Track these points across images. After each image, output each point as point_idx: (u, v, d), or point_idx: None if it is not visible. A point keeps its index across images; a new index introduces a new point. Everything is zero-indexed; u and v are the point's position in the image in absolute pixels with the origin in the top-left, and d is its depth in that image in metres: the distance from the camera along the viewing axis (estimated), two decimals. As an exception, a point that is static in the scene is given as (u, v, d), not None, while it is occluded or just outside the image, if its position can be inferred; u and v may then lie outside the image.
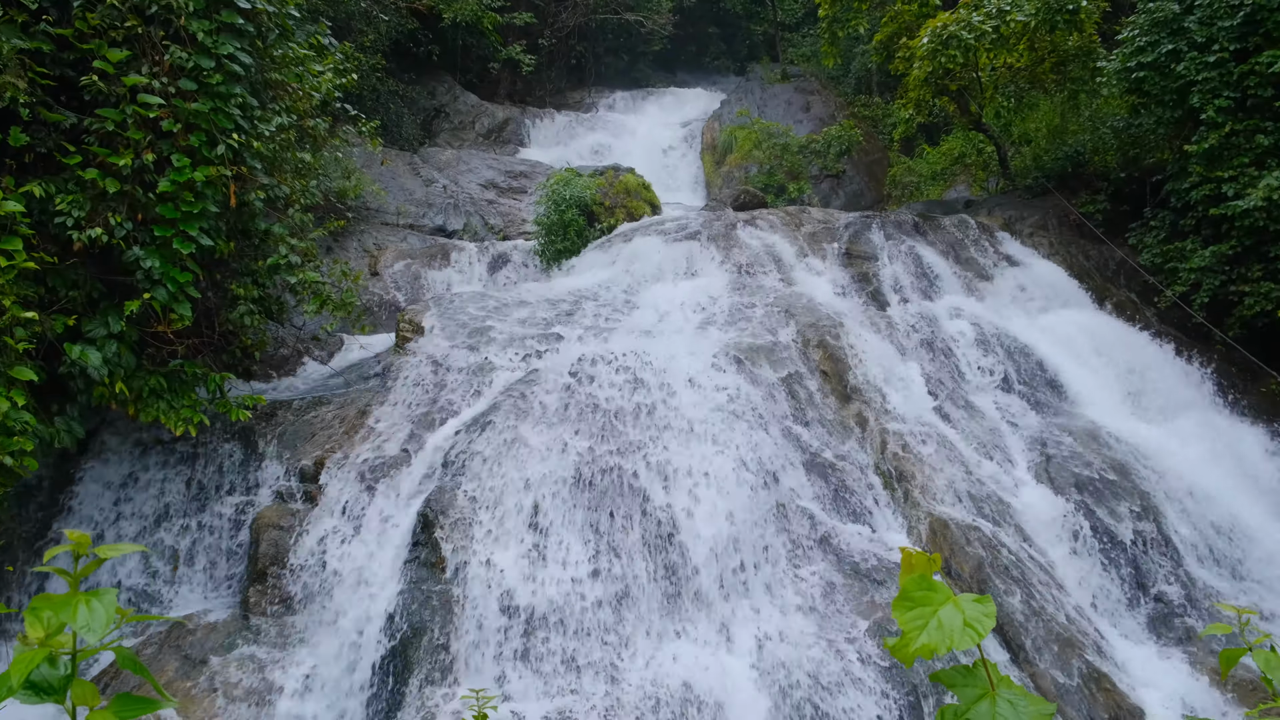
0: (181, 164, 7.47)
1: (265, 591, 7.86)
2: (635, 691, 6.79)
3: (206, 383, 8.52)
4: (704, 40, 33.34)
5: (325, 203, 13.22)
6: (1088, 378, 10.88)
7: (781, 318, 10.49)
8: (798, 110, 24.53)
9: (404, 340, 10.13)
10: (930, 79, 14.63)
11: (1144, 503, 8.84)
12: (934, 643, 1.31)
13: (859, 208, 19.58)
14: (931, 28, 14.16)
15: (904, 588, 1.37)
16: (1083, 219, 13.24)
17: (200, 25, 7.57)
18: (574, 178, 14.92)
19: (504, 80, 26.73)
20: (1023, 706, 1.33)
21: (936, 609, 1.35)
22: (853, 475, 8.73)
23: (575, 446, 8.30)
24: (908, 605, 1.36)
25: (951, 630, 1.32)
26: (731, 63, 32.94)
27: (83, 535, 1.66)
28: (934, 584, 1.37)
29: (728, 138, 22.44)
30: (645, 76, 30.69)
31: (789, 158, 21.34)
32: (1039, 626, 7.37)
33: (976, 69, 15.27)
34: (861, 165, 22.09)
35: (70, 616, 1.52)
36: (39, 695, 1.55)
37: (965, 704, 1.37)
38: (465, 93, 24.64)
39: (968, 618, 1.32)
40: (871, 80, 24.94)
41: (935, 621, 1.33)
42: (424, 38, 22.88)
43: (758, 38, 32.61)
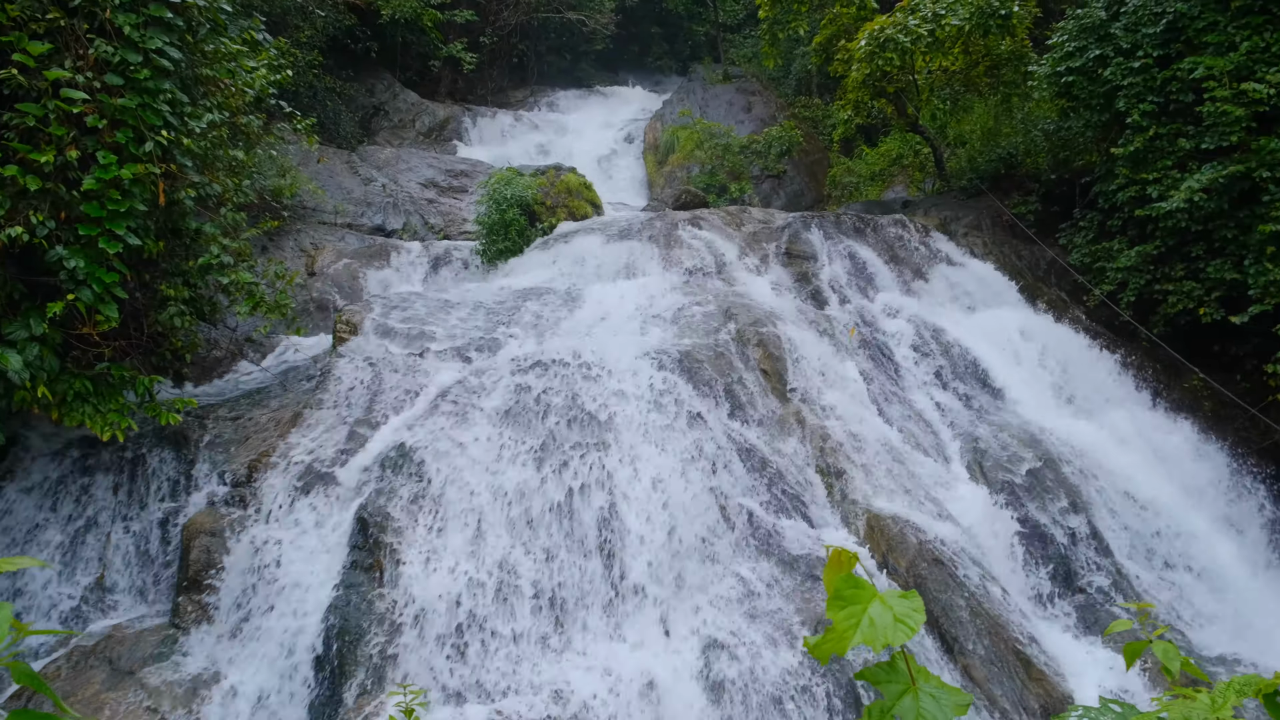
0: (107, 161, 7.24)
1: (197, 599, 7.66)
2: (576, 691, 6.78)
3: (135, 386, 8.26)
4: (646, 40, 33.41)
5: (260, 201, 12.94)
6: (1020, 375, 11.16)
7: (722, 317, 10.57)
8: (739, 111, 24.72)
9: (341, 341, 9.96)
10: (868, 81, 14.87)
11: (1074, 497, 9.11)
12: (868, 640, 1.33)
13: (800, 208, 19.81)
14: (869, 31, 14.39)
15: (836, 587, 1.39)
16: (1015, 220, 13.58)
17: (127, 19, 7.35)
18: (515, 177, 14.83)
19: (445, 78, 26.45)
20: (943, 698, 1.36)
21: (865, 607, 1.37)
22: (792, 473, 8.83)
23: (515, 447, 8.25)
24: (841, 604, 1.38)
25: (884, 627, 1.34)
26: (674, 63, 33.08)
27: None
28: (860, 582, 1.40)
29: (670, 138, 22.52)
30: (588, 76, 30.65)
31: (731, 158, 21.49)
32: (972, 619, 7.53)
33: (913, 72, 15.56)
34: (802, 165, 22.34)
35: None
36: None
37: (890, 699, 1.40)
38: (405, 90, 24.32)
39: (897, 614, 1.35)
40: (812, 82, 25.24)
41: (866, 619, 1.35)
42: (362, 34, 22.53)
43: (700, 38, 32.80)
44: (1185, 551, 9.12)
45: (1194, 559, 9.07)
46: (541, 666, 6.99)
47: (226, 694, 7.04)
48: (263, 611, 7.48)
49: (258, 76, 10.03)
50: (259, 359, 11.77)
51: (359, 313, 10.43)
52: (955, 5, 13.81)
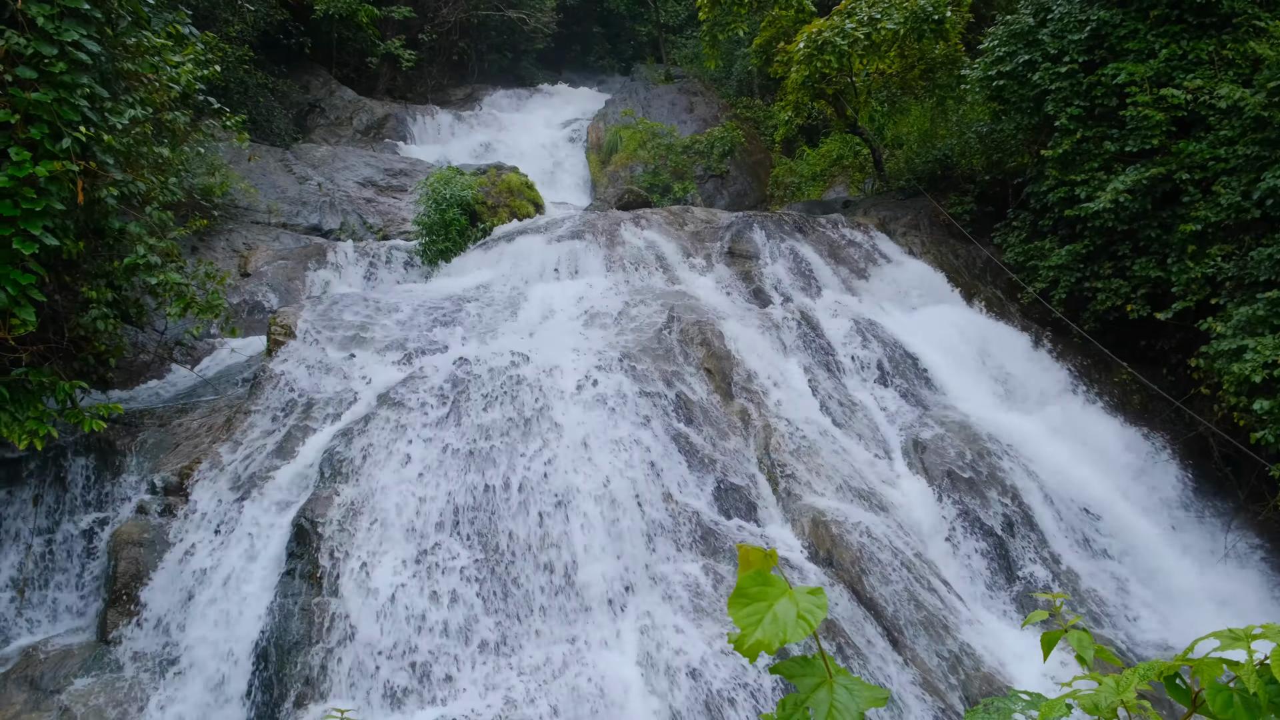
0: (21, 158, 6.96)
1: (125, 613, 7.41)
2: (521, 695, 6.70)
3: (55, 392, 7.95)
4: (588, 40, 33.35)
5: (189, 200, 12.58)
6: (958, 371, 11.36)
7: (665, 316, 10.56)
8: (682, 111, 24.80)
9: (276, 344, 9.73)
10: (807, 83, 15.01)
11: (1011, 489, 9.29)
12: (768, 637, 1.31)
13: (743, 207, 19.93)
14: (807, 33, 14.53)
15: (740, 584, 1.36)
16: (951, 219, 13.82)
17: (40, 10, 7.07)
18: (455, 176, 14.66)
19: (383, 75, 26.07)
20: (858, 692, 1.35)
21: (772, 604, 1.35)
22: (737, 472, 8.85)
23: (456, 450, 8.14)
24: (743, 602, 1.36)
25: (785, 623, 1.32)
26: (616, 63, 33.06)
27: None
28: (770, 579, 1.37)
29: (613, 137, 22.48)
30: (529, 75, 30.48)
31: (674, 158, 21.54)
32: (915, 611, 7.63)
33: (851, 74, 15.74)
34: (745, 165, 22.48)
35: None
36: None
37: (804, 693, 1.38)
38: (342, 87, 23.90)
39: (800, 610, 1.33)
40: (753, 83, 25.43)
41: (770, 616, 1.33)
42: (295, 29, 22.08)
43: (642, 38, 32.83)
44: (1117, 540, 9.37)
45: (1127, 547, 9.32)
46: (486, 671, 6.90)
47: (158, 711, 6.82)
48: (195, 623, 7.26)
49: (183, 71, 9.75)
50: (190, 363, 11.44)
51: (294, 315, 10.20)
52: (890, 10, 14.01)
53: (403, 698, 6.74)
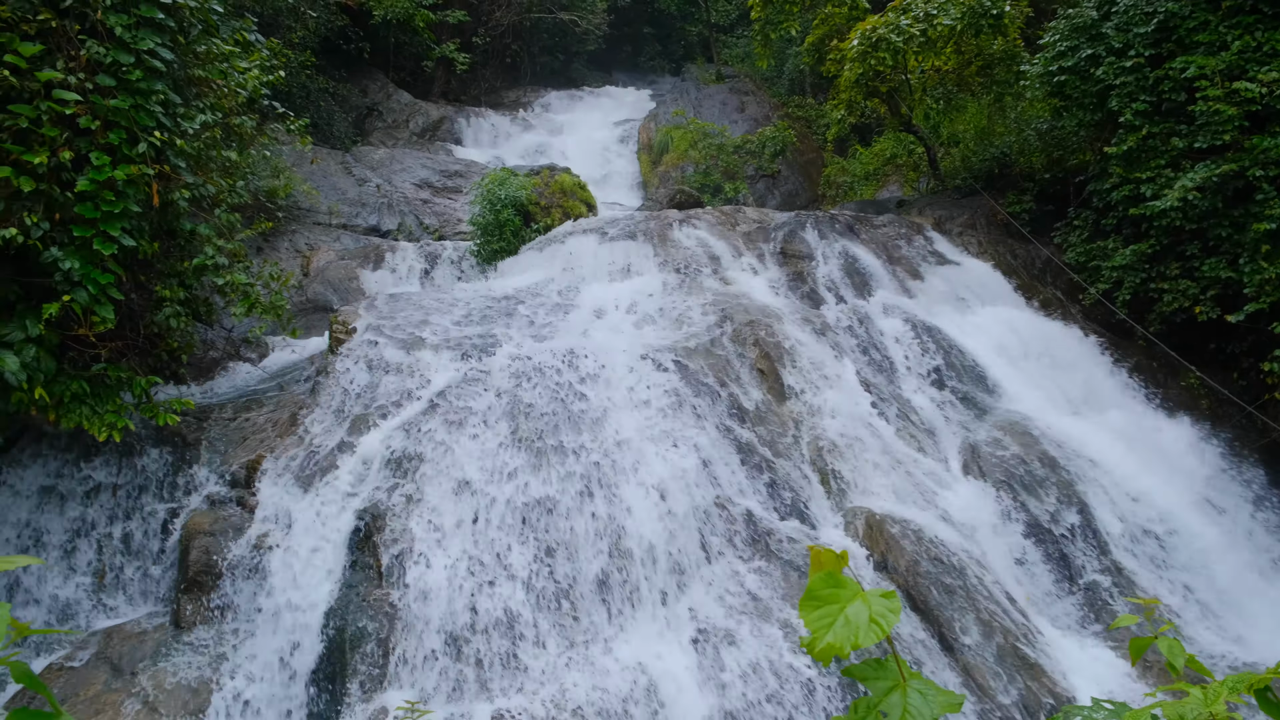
0: (101, 162, 7.24)
1: (197, 600, 7.67)
2: (577, 692, 6.79)
3: (132, 387, 8.26)
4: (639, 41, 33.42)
5: (254, 202, 12.93)
6: (1017, 373, 11.18)
7: (718, 317, 10.58)
8: (733, 111, 24.74)
9: (337, 342, 9.97)
10: (861, 81, 14.88)
11: (1072, 495, 9.12)
12: (839, 641, 1.33)
13: (794, 207, 19.83)
14: (861, 30, 14.41)
15: (810, 586, 1.39)
16: (1009, 219, 13.61)
17: (118, 20, 7.34)
18: (509, 177, 14.82)
19: (438, 79, 26.43)
20: (932, 697, 1.37)
21: (844, 606, 1.37)
22: (789, 472, 8.85)
23: (512, 447, 8.26)
24: (814, 604, 1.38)
25: (858, 627, 1.34)
26: (667, 63, 33.07)
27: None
28: (842, 580, 1.40)
29: (664, 138, 22.52)
30: (581, 76, 30.64)
31: (725, 158, 21.50)
32: (972, 618, 7.55)
33: (905, 71, 15.58)
34: (796, 165, 22.36)
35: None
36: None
37: (877, 696, 1.40)
38: (398, 91, 24.30)
39: (873, 613, 1.35)
40: (805, 81, 25.27)
41: (842, 619, 1.36)
42: (355, 35, 22.51)
43: (693, 39, 32.81)
44: (1183, 549, 9.13)
45: (1192, 557, 9.08)
46: (541, 665, 7.01)
47: (227, 694, 7.05)
48: (264, 610, 7.48)
49: (250, 77, 10.02)
50: (255, 360, 11.76)
51: (354, 314, 10.43)
52: (947, 5, 13.83)
53: (460, 690, 6.88)
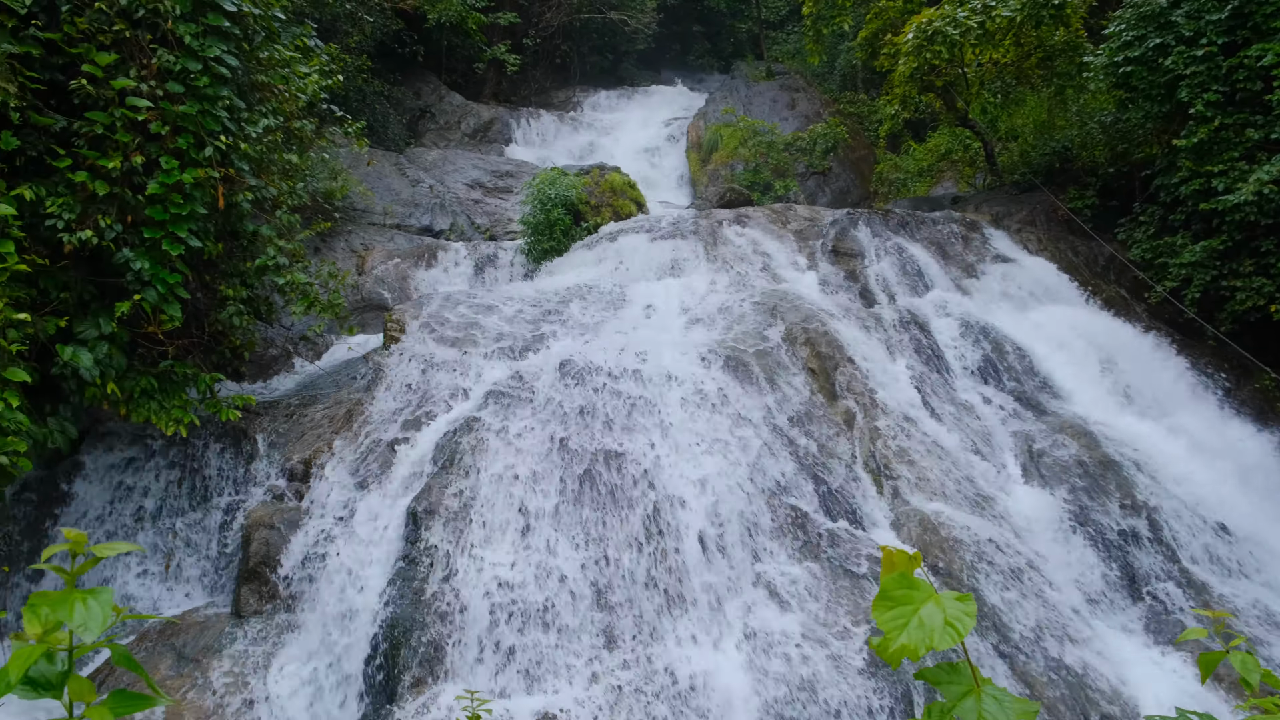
0: (170, 166, 7.47)
1: (257, 590, 7.87)
2: (625, 689, 6.82)
3: (197, 383, 8.52)
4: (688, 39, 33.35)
5: (312, 204, 13.19)
6: (1078, 374, 10.93)
7: (768, 315, 10.53)
8: (783, 108, 24.57)
9: (391, 340, 10.13)
10: (916, 75, 14.68)
11: (1136, 499, 8.89)
12: (913, 643, 1.32)
13: (846, 205, 19.64)
14: (916, 24, 14.21)
15: (884, 587, 1.39)
16: (1071, 215, 13.32)
17: (187, 28, 7.56)
18: (560, 177, 14.92)
19: (489, 80, 26.68)
20: (1008, 704, 1.35)
21: (917, 608, 1.36)
22: (841, 473, 8.78)
23: (563, 444, 8.32)
24: (887, 605, 1.38)
25: (932, 630, 1.33)
26: (716, 61, 32.95)
27: (79, 534, 1.68)
28: (915, 582, 1.40)
29: (713, 136, 22.46)
30: (630, 75, 30.68)
31: (775, 155, 21.38)
32: (1028, 623, 7.42)
33: (962, 65, 15.34)
34: (848, 162, 22.15)
35: (67, 614, 1.54)
36: (36, 690, 1.58)
37: (951, 701, 1.39)
38: (450, 93, 24.59)
39: (948, 616, 1.34)
40: (857, 77, 25.00)
41: (915, 621, 1.34)
42: (409, 38, 22.83)
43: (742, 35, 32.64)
44: (1257, 559, 8.83)
45: (1266, 567, 8.78)
46: (589, 662, 7.05)
47: (285, 681, 7.23)
48: (320, 602, 7.65)
49: (310, 82, 10.23)
50: (312, 357, 12.01)
51: (408, 312, 10.60)
52: (1006, -4, 13.59)
53: (511, 684, 6.95)
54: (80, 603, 1.55)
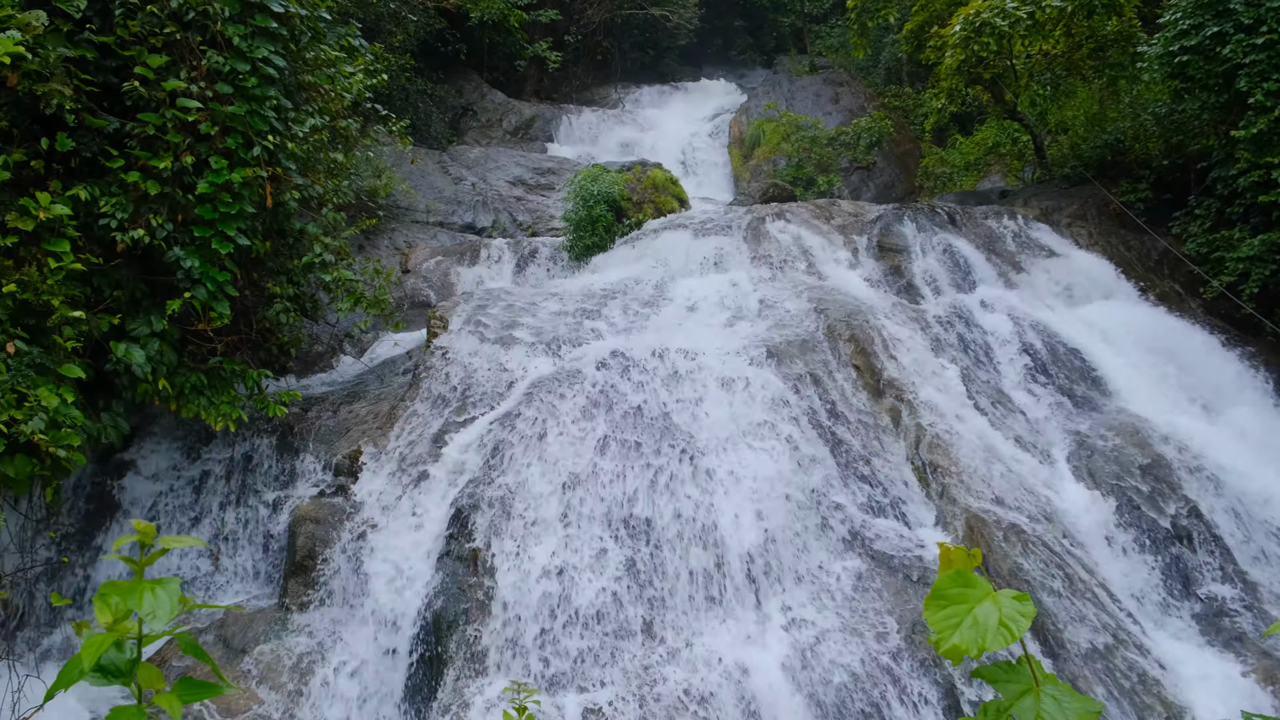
0: (219, 166, 7.60)
1: (304, 583, 7.98)
2: (668, 685, 6.81)
3: (245, 379, 8.67)
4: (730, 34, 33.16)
5: (357, 202, 13.35)
6: (1130, 371, 10.68)
7: (812, 311, 10.44)
8: (826, 102, 24.36)
9: (435, 336, 10.21)
10: (963, 68, 14.45)
11: (1191, 500, 8.66)
12: (965, 643, 1.28)
13: (890, 200, 19.41)
14: (964, 15, 13.98)
15: (938, 585, 1.35)
16: (1123, 208, 13.02)
17: (236, 30, 7.69)
18: (601, 173, 14.92)
19: (530, 77, 26.79)
20: (1068, 703, 1.31)
21: (972, 607, 1.32)
22: (886, 470, 8.67)
23: (605, 441, 8.32)
24: (940, 604, 1.34)
25: (985, 630, 1.29)
26: (758, 56, 32.71)
27: (148, 526, 1.71)
28: (972, 580, 1.36)
29: (755, 131, 22.32)
30: (671, 71, 30.59)
31: (818, 150, 21.19)
32: (1079, 625, 7.27)
33: (1011, 57, 15.06)
34: (892, 157, 21.89)
35: (137, 603, 1.57)
36: (106, 678, 1.61)
37: (1008, 700, 1.35)
38: (492, 90, 24.73)
39: (1004, 616, 1.30)
40: (902, 70, 24.68)
41: (970, 620, 1.31)
42: (451, 37, 23.00)
43: (785, 30, 32.38)
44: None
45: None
46: (633, 658, 7.04)
47: (330, 674, 7.32)
48: (365, 596, 7.74)
49: (355, 81, 10.34)
50: (357, 354, 12.16)
51: (451, 309, 10.67)
52: (1056, -14, 13.31)
53: (553, 680, 6.97)
54: (149, 592, 1.59)
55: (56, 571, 8.26)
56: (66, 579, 8.31)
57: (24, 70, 6.74)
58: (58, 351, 7.07)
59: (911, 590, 7.45)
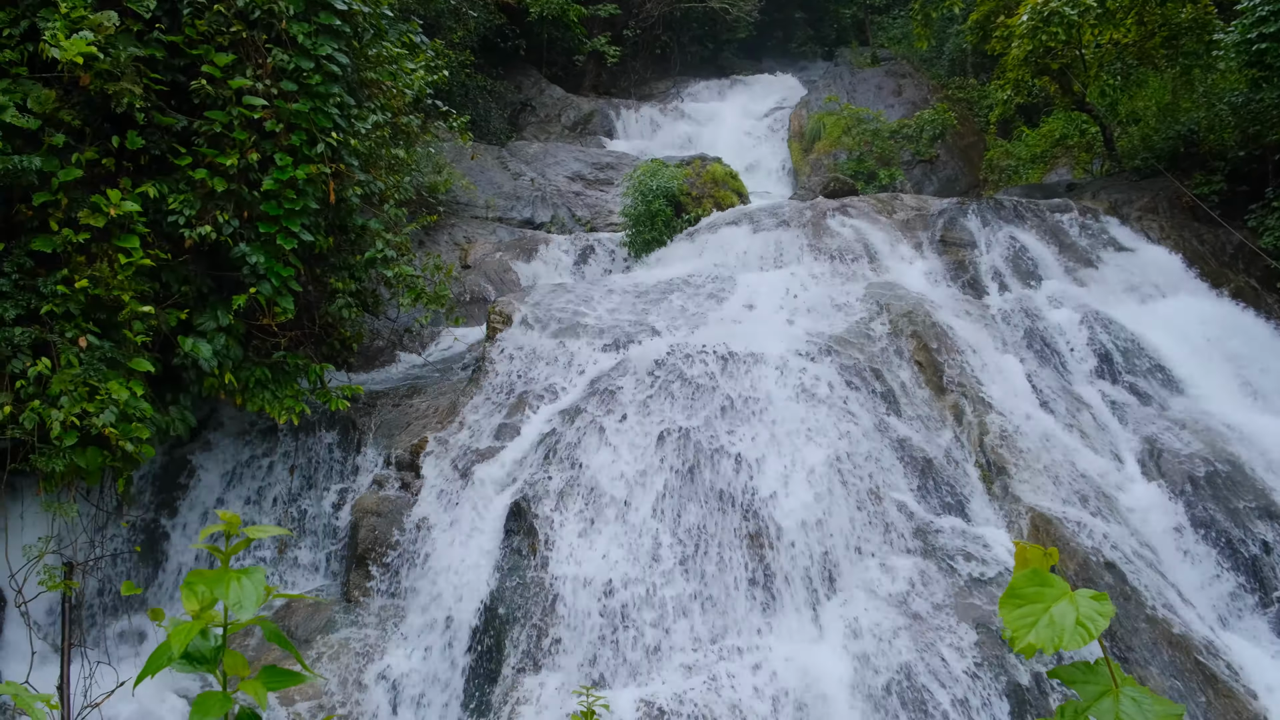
0: (284, 162, 7.75)
1: (365, 576, 8.12)
2: (725, 683, 6.77)
3: (308, 373, 8.83)
4: (790, 26, 32.83)
5: (418, 198, 13.52)
6: (1202, 368, 10.32)
7: (873, 307, 10.28)
8: (888, 95, 23.96)
9: (494, 332, 10.29)
10: (1030, 58, 14.09)
11: (1266, 500, 8.35)
12: (1041, 641, 1.25)
13: (953, 193, 19.03)
14: (1031, 4, 13.61)
15: (1013, 584, 1.31)
16: (1196, 201, 12.57)
17: (300, 28, 7.82)
18: (660, 168, 14.88)
19: (589, 72, 26.85)
20: (1148, 706, 1.26)
21: (1049, 606, 1.28)
22: (948, 468, 8.51)
23: (664, 436, 8.30)
24: (1016, 602, 1.30)
25: (1062, 629, 1.26)
26: (819, 48, 32.35)
27: (233, 516, 1.74)
28: (1049, 579, 1.31)
29: (815, 125, 22.06)
30: (730, 65, 30.39)
31: (880, 143, 20.87)
32: (1149, 627, 7.05)
33: (1080, 46, 14.64)
34: (956, 150, 21.46)
35: (224, 592, 1.60)
36: (192, 665, 1.64)
37: (1087, 701, 1.31)
38: (551, 86, 24.84)
39: (1080, 615, 1.26)
40: (966, 61, 24.18)
41: (1046, 619, 1.27)
42: (511, 32, 23.16)
43: (846, 21, 31.96)
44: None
45: None
46: (689, 654, 7.02)
47: (389, 665, 7.44)
48: (425, 588, 7.84)
49: (416, 78, 10.46)
50: (417, 349, 12.32)
51: (511, 304, 10.74)
52: (1129, -28, 12.89)
53: (609, 674, 6.98)
54: (236, 581, 1.61)
55: (126, 561, 8.51)
56: (136, 569, 8.56)
57: (96, 70, 6.93)
58: (128, 346, 7.28)
59: (974, 590, 7.30)
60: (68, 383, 6.83)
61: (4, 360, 6.87)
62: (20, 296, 7.02)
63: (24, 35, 6.98)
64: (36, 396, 6.84)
